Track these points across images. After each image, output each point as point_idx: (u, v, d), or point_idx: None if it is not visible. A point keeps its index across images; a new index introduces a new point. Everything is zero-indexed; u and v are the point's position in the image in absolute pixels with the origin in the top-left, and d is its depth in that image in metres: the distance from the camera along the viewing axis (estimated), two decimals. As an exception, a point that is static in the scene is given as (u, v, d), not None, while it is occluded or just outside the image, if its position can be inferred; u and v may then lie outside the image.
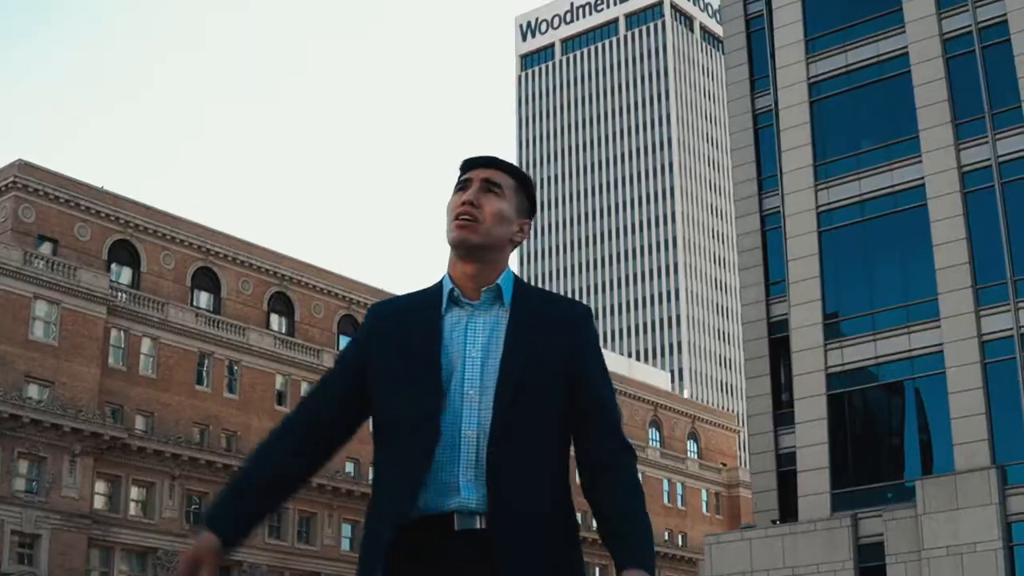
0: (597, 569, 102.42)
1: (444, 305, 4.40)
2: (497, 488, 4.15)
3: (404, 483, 4.19)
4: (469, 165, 4.57)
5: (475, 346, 4.31)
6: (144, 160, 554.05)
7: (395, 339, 4.37)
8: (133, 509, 72.63)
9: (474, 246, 4.40)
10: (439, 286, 4.48)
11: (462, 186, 4.51)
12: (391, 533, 4.14)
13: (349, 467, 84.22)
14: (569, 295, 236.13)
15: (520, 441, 4.21)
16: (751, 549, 49.03)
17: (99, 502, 70.76)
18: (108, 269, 75.70)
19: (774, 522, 50.71)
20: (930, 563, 43.41)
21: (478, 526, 4.15)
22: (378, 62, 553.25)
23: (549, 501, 4.28)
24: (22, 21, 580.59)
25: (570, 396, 4.33)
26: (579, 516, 4.48)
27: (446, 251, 4.53)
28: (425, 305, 4.43)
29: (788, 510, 50.91)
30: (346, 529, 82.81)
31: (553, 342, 4.34)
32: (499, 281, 4.43)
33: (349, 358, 4.49)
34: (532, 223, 4.64)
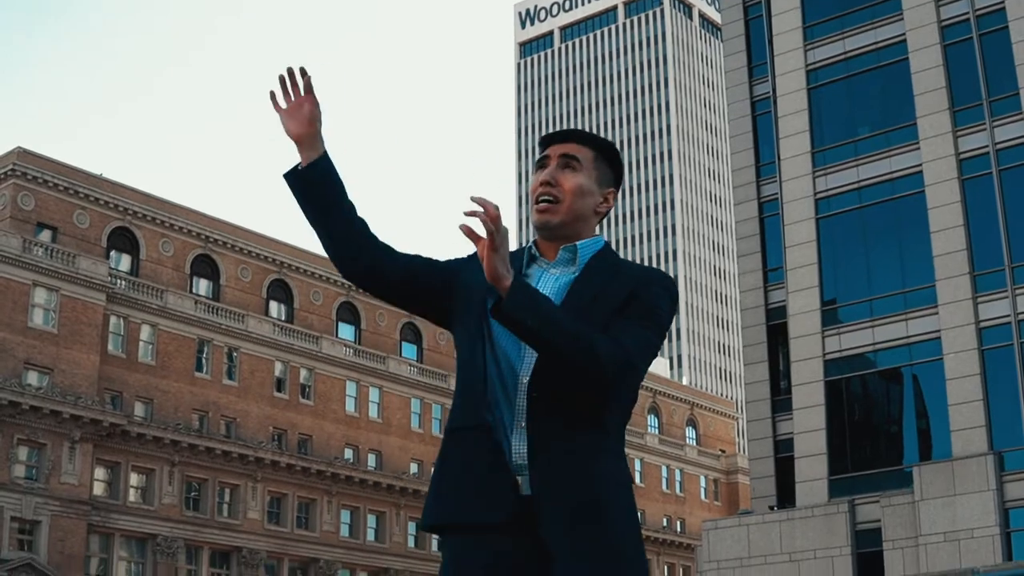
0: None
1: (524, 262, 4.48)
2: (536, 433, 4.21)
3: (478, 420, 4.28)
4: (547, 141, 4.60)
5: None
6: (143, 148, 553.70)
7: (479, 280, 4.29)
8: (132, 495, 72.76)
9: (554, 227, 4.47)
10: (527, 246, 4.58)
11: (541, 164, 4.56)
12: (488, 445, 4.26)
13: (348, 453, 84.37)
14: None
15: (564, 395, 4.21)
16: (748, 535, 49.16)
17: (99, 488, 70.90)
18: (107, 256, 75.76)
19: (772, 508, 50.82)
20: (927, 549, 43.53)
21: (523, 473, 4.21)
22: (377, 50, 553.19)
23: (589, 446, 4.24)
24: (22, 13, 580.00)
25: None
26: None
27: (443, 238, 4.54)
28: (511, 259, 4.37)
29: (786, 496, 51.01)
30: (345, 515, 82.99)
31: (615, 292, 4.36)
32: (578, 243, 4.48)
33: (444, 265, 4.58)
34: (617, 192, 4.66)
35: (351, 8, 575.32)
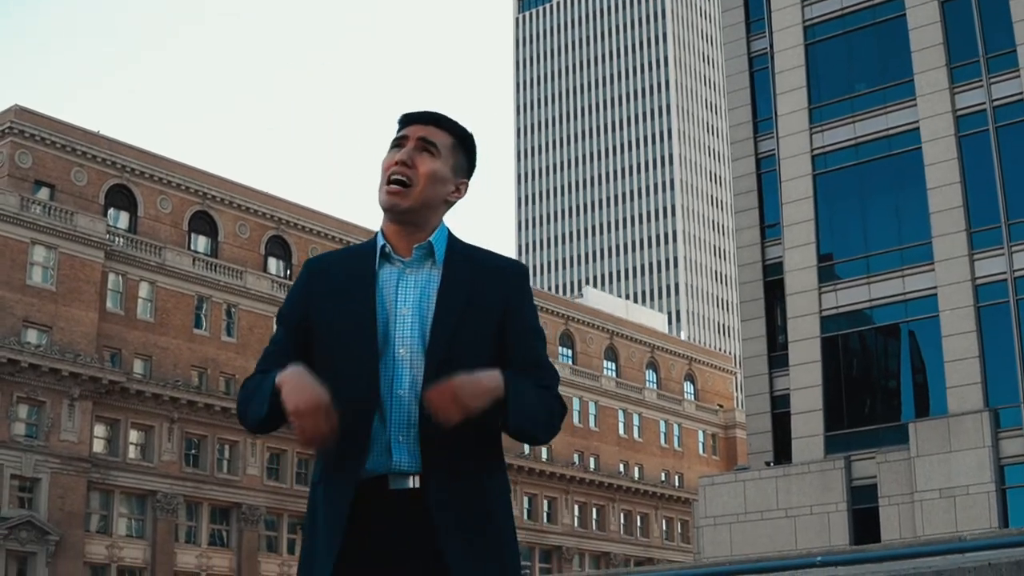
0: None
1: (377, 261, 4.35)
2: (428, 447, 4.15)
3: (347, 445, 4.16)
4: (407, 120, 4.48)
5: (406, 304, 4.25)
6: (140, 106, 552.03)
7: (332, 295, 4.31)
8: (132, 452, 72.93)
9: (403, 211, 4.34)
10: (373, 242, 4.42)
11: (398, 143, 4.43)
12: (351, 496, 4.15)
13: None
14: (565, 238, 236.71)
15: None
16: (745, 490, 49.33)
17: (98, 446, 71.05)
18: (105, 214, 75.67)
19: (768, 464, 50.98)
20: (923, 505, 43.69)
21: (411, 486, 4.15)
22: (376, 3, 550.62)
23: (479, 458, 4.25)
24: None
25: (502, 354, 4.28)
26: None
27: None
28: (359, 261, 4.37)
29: (783, 452, 51.16)
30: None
31: (486, 299, 4.29)
32: (431, 238, 4.37)
33: (291, 316, 4.40)
34: (469, 183, 4.55)
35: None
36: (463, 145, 4.53)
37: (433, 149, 4.41)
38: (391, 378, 4.21)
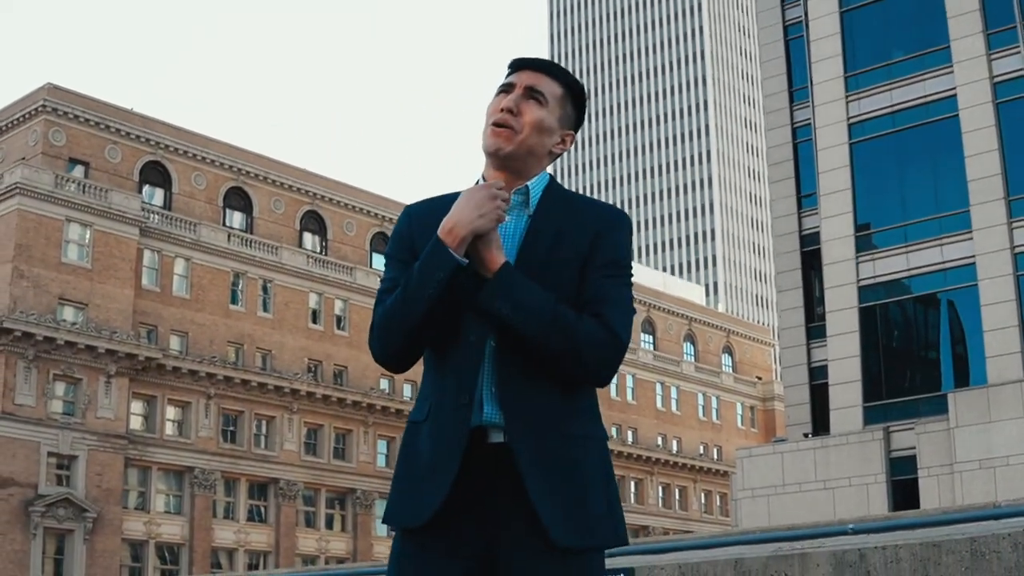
0: (632, 484, 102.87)
1: None
2: (508, 398, 4.02)
3: (448, 396, 4.06)
4: (516, 66, 4.35)
5: None
6: (173, 83, 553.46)
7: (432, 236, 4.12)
8: (169, 429, 73.17)
9: (507, 156, 4.21)
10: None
11: (504, 89, 4.30)
12: (463, 443, 4.01)
13: (384, 384, 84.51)
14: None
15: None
16: (783, 462, 49.02)
17: (135, 422, 71.28)
18: (140, 191, 75.83)
19: (806, 435, 50.66)
20: (962, 476, 43.28)
21: (503, 439, 4.01)
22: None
23: (564, 405, 4.07)
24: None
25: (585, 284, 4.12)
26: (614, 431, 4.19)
27: (477, 162, 4.31)
28: None
29: (821, 423, 50.84)
30: (381, 445, 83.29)
31: (574, 242, 4.13)
32: (529, 183, 4.24)
33: (402, 253, 4.25)
34: (575, 136, 4.44)
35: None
36: (572, 96, 4.39)
37: (541, 98, 4.28)
38: (484, 326, 4.06)
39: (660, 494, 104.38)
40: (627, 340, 4.09)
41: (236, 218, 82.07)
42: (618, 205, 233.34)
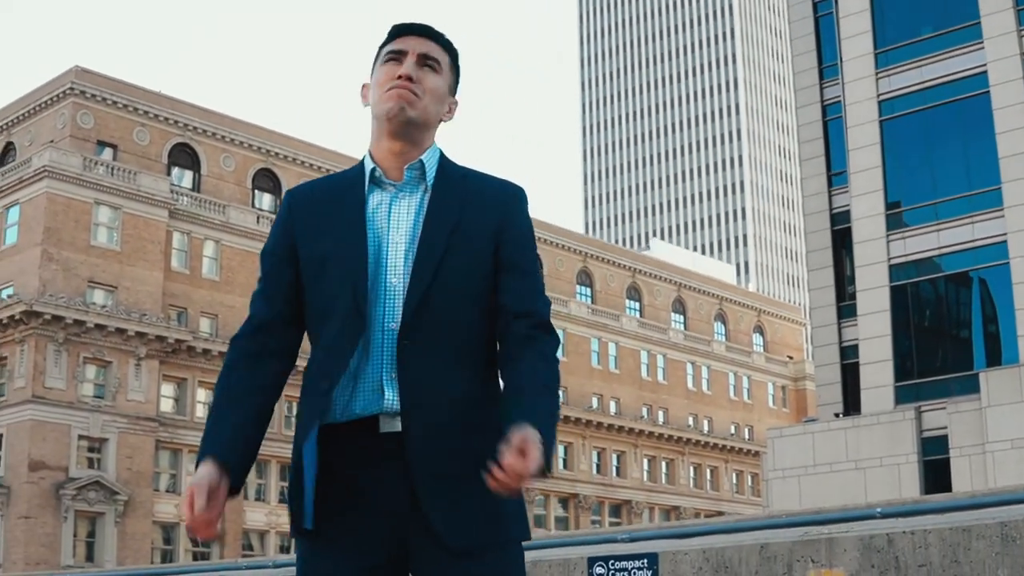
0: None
1: (367, 186, 4.00)
2: (408, 384, 3.78)
3: (330, 383, 3.83)
4: (400, 32, 4.12)
5: (398, 230, 3.92)
6: (201, 64, 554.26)
7: (318, 225, 3.97)
8: (200, 411, 73.23)
9: (410, 120, 3.98)
10: (360, 167, 4.06)
11: (394, 56, 4.06)
12: (334, 438, 3.81)
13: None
14: (632, 191, 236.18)
15: (437, 331, 3.82)
16: (814, 442, 48.77)
17: (166, 405, 71.41)
18: (168, 173, 75.87)
19: (837, 415, 50.40)
20: (995, 456, 42.97)
21: (399, 429, 3.79)
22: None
23: (470, 393, 3.85)
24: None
25: (494, 281, 3.94)
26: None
27: (502, 170, 4.13)
28: (346, 187, 4.02)
29: (852, 403, 50.58)
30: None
31: (478, 222, 3.95)
32: (423, 158, 4.02)
33: (275, 250, 4.05)
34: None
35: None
36: (455, 63, 4.19)
37: (436, 65, 4.07)
38: (381, 311, 3.84)
39: (691, 474, 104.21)
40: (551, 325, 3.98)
41: (265, 200, 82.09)
42: (649, 186, 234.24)
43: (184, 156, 77.77)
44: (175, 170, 77.04)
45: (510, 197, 4.06)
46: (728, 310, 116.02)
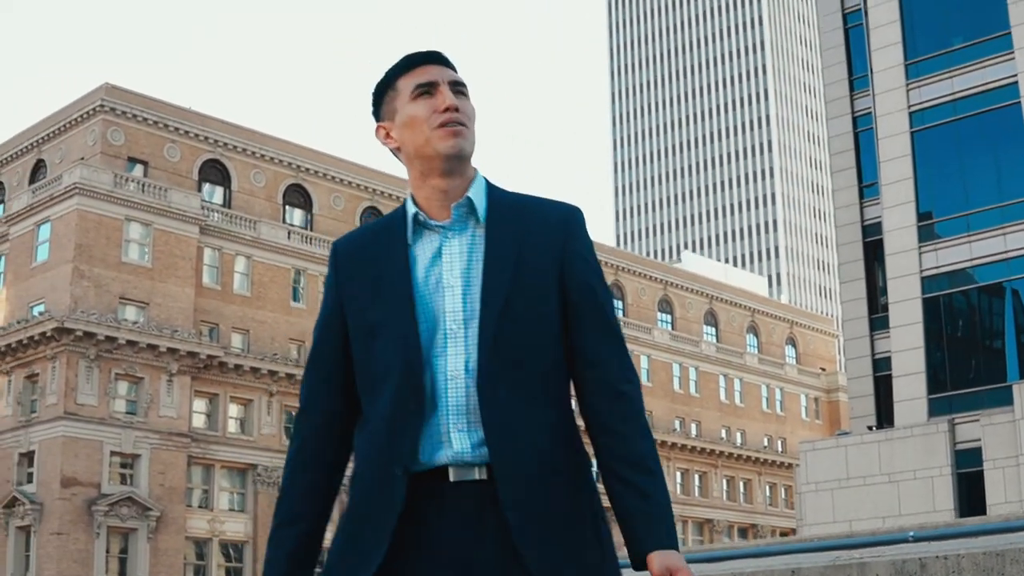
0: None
1: (410, 232, 3.82)
2: (493, 431, 3.63)
3: (393, 438, 3.66)
4: (417, 62, 3.94)
5: (452, 273, 3.73)
6: (230, 80, 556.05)
7: (364, 277, 3.82)
8: (232, 426, 73.36)
9: (464, 155, 3.83)
10: (402, 211, 3.89)
11: (425, 90, 3.87)
12: (401, 496, 3.61)
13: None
14: (663, 203, 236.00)
15: (512, 375, 3.66)
16: (847, 456, 48.50)
17: (198, 420, 71.52)
18: (199, 189, 76.04)
19: (870, 428, 50.17)
20: (1030, 468, 42.72)
21: (476, 477, 3.63)
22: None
23: (552, 437, 3.71)
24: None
25: (565, 314, 3.78)
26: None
27: (533, 183, 4.00)
28: (390, 236, 3.85)
29: (885, 416, 50.33)
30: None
31: (539, 253, 3.78)
32: (469, 194, 3.82)
33: (330, 316, 3.89)
34: None
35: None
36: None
37: (465, 90, 3.92)
38: (444, 359, 3.69)
39: (724, 487, 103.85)
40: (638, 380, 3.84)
41: (296, 215, 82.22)
42: (679, 197, 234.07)
43: (215, 172, 77.94)
44: (206, 186, 77.23)
45: (567, 220, 3.89)
46: (760, 322, 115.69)
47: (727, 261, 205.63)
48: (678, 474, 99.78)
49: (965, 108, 48.57)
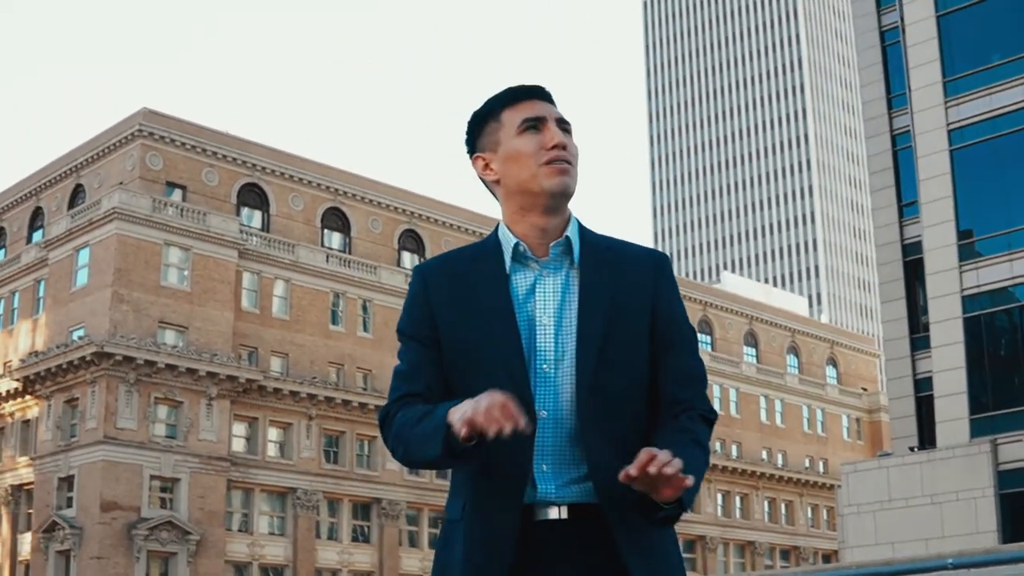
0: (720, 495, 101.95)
1: (509, 264, 3.81)
2: (595, 469, 3.67)
3: (502, 476, 3.68)
4: (522, 96, 3.91)
5: (545, 312, 3.75)
6: (268, 104, 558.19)
7: (461, 305, 3.79)
8: (271, 450, 73.40)
9: (570, 196, 3.85)
10: (495, 240, 3.87)
11: (532, 125, 3.85)
12: (514, 529, 3.66)
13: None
14: (702, 223, 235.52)
15: (608, 415, 3.71)
16: (888, 477, 48.14)
17: (237, 444, 71.59)
18: (237, 213, 76.21)
19: (912, 449, 49.78)
20: (1074, 488, 42.32)
21: (555, 516, 3.68)
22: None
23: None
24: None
25: (654, 355, 3.81)
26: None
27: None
28: (486, 263, 3.83)
29: (927, 436, 49.95)
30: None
31: (632, 298, 3.80)
32: (567, 233, 3.83)
33: (420, 329, 3.86)
34: None
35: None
36: None
37: (570, 128, 3.92)
38: (535, 400, 3.72)
39: (766, 509, 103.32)
40: (712, 412, 3.92)
41: (334, 239, 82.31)
42: (719, 218, 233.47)
43: (253, 196, 78.12)
44: (244, 210, 77.41)
45: (657, 267, 3.92)
46: (801, 342, 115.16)
47: (767, 281, 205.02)
48: (719, 496, 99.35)
49: (1004, 125, 48.23)
